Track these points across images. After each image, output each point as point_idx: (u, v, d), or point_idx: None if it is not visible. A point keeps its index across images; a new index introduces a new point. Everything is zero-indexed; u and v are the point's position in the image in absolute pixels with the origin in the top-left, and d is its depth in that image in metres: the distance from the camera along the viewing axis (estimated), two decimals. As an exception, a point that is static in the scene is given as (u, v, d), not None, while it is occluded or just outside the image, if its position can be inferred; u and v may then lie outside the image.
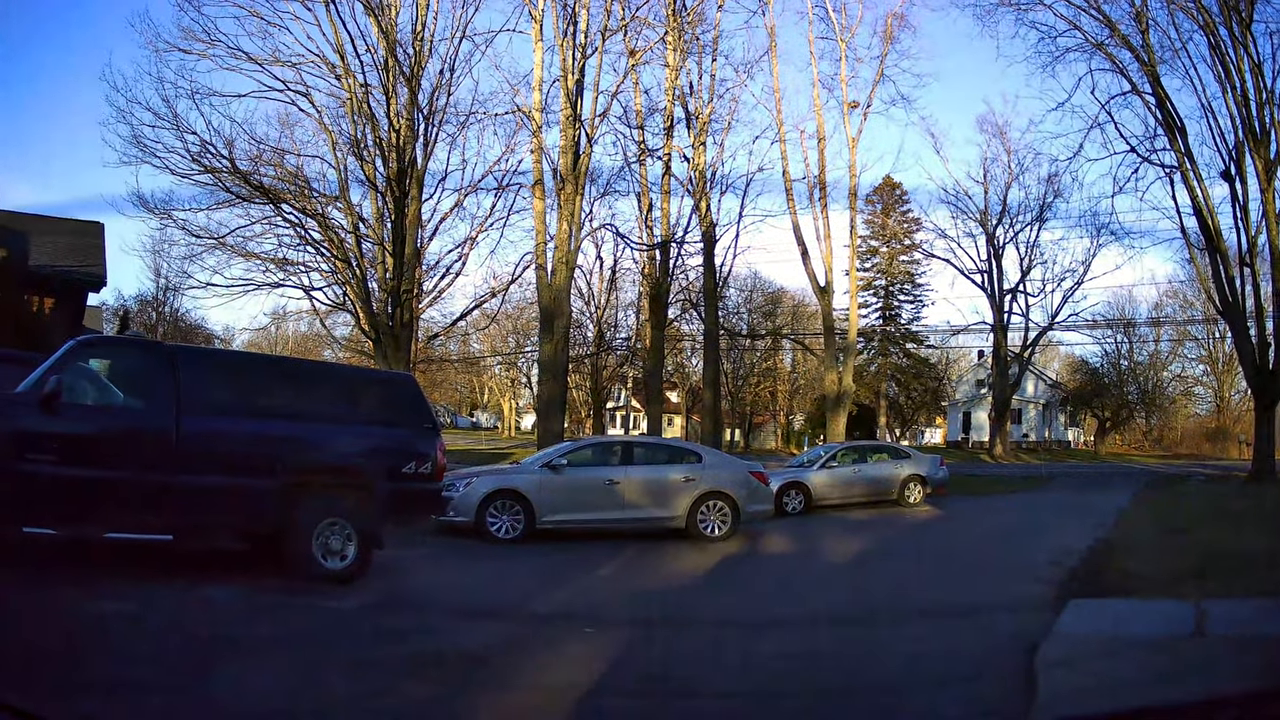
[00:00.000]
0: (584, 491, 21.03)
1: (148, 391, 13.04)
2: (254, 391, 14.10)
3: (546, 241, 37.87)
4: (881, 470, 32.61)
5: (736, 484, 22.17)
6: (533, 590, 15.40)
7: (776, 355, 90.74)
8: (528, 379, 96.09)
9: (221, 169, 32.84)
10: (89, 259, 31.36)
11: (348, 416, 14.70)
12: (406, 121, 34.39)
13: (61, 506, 12.02)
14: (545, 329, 38.83)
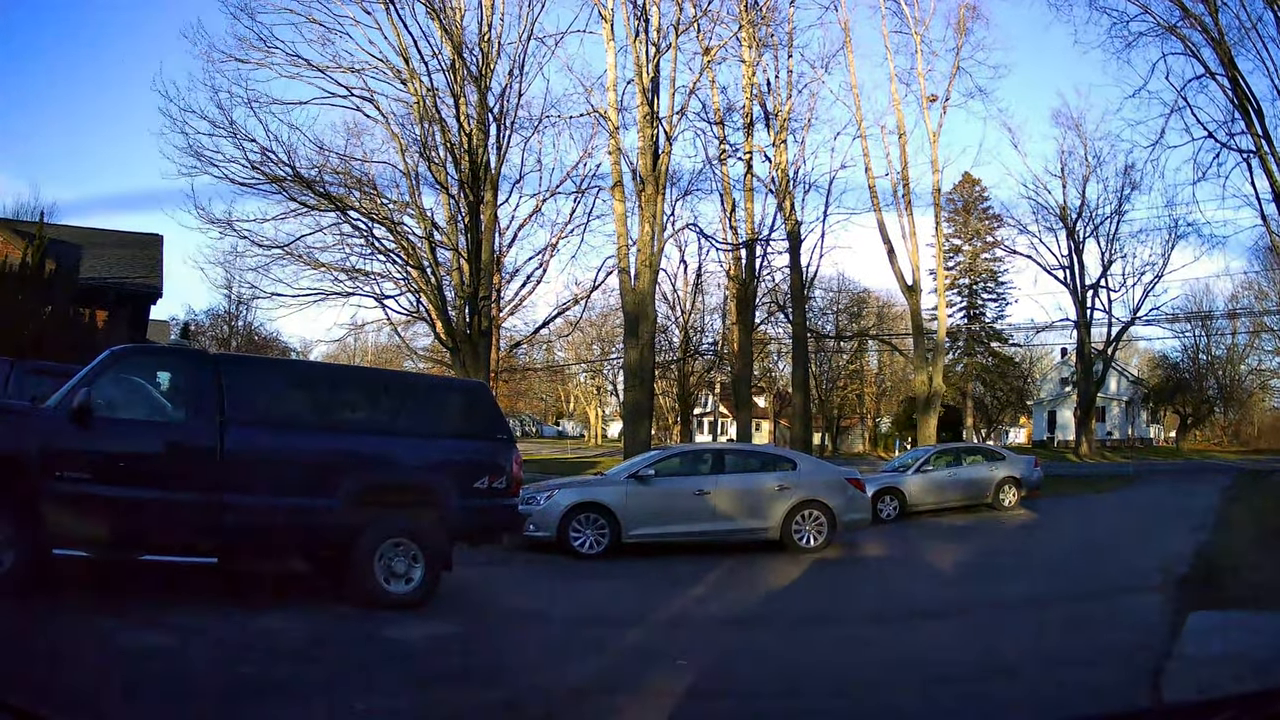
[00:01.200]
0: (672, 503, 19.85)
1: (189, 403, 12.01)
2: (308, 402, 13.07)
3: (628, 245, 36.59)
4: (976, 473, 31.21)
5: (833, 492, 20.88)
6: (622, 615, 13.93)
7: (862, 357, 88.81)
8: (613, 386, 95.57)
9: (285, 177, 31.59)
10: (146, 271, 30.91)
11: (413, 428, 13.47)
12: (477, 124, 33.06)
13: (94, 527, 10.97)
14: (630, 334, 37.22)
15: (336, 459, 12.54)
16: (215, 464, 11.64)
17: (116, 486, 11.16)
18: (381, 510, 12.67)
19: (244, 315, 76.11)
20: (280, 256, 34.62)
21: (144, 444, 11.71)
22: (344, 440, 12.86)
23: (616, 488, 19.87)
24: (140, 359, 13.24)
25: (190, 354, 13.19)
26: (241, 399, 12.06)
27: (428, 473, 13.21)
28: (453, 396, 15.21)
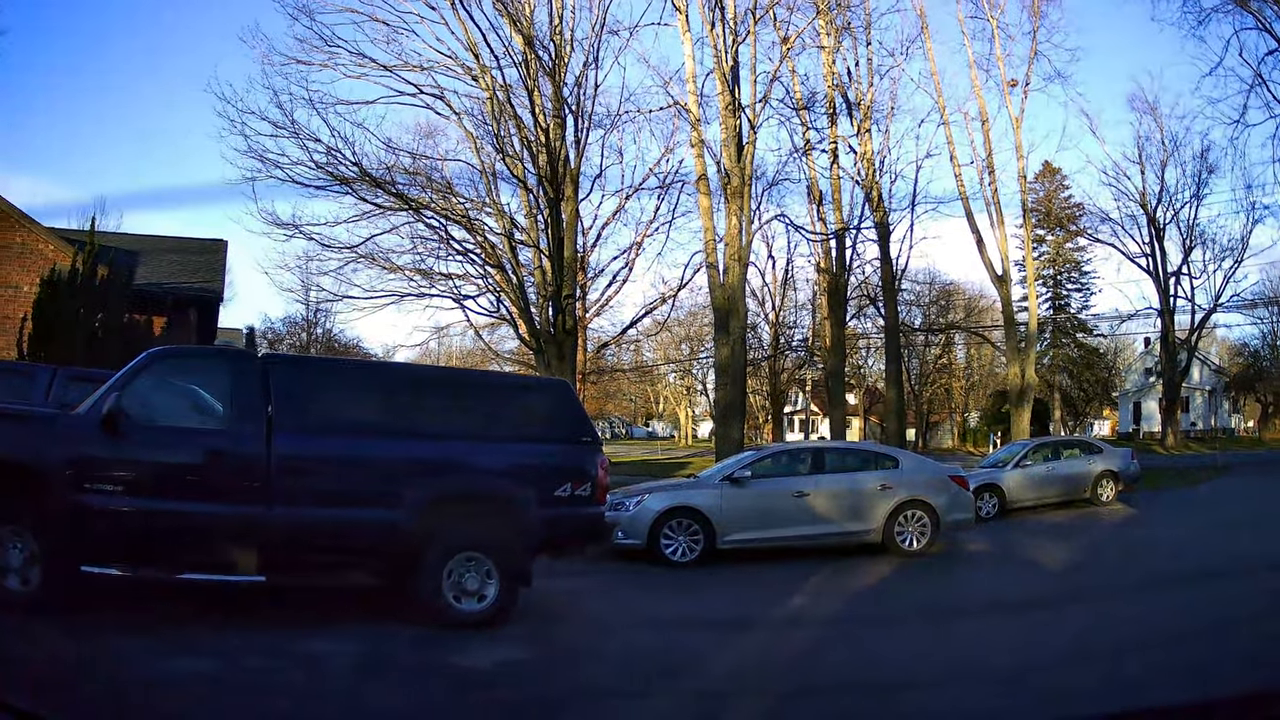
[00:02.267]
0: (769, 506, 18.51)
1: (233, 408, 11.07)
2: (367, 405, 11.95)
3: (716, 240, 35.41)
4: (1074, 467, 29.46)
5: (936, 491, 19.51)
6: (725, 636, 12.18)
7: (950, 351, 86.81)
8: (702, 386, 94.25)
9: (354, 177, 30.71)
10: (208, 276, 30.36)
11: (487, 431, 12.26)
12: (554, 118, 32.07)
13: (127, 543, 10.32)
14: (720, 330, 35.93)
15: (400, 467, 11.45)
16: (262, 474, 10.65)
17: (151, 499, 10.30)
18: (451, 522, 11.55)
19: (323, 322, 75.11)
20: (352, 259, 33.97)
21: (182, 453, 10.78)
22: (409, 446, 11.61)
23: (710, 491, 18.55)
24: (179, 361, 12.15)
25: (234, 355, 12.15)
26: (291, 403, 11.10)
27: (503, 480, 12.06)
28: (532, 396, 13.80)
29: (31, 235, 26.59)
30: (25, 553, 9.89)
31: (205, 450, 10.81)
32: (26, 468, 10.10)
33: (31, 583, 9.87)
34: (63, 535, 9.96)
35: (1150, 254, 65.76)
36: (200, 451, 10.80)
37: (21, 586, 9.88)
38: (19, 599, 9.82)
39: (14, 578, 9.88)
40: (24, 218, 26.78)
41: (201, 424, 11.15)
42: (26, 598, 9.83)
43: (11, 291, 25.81)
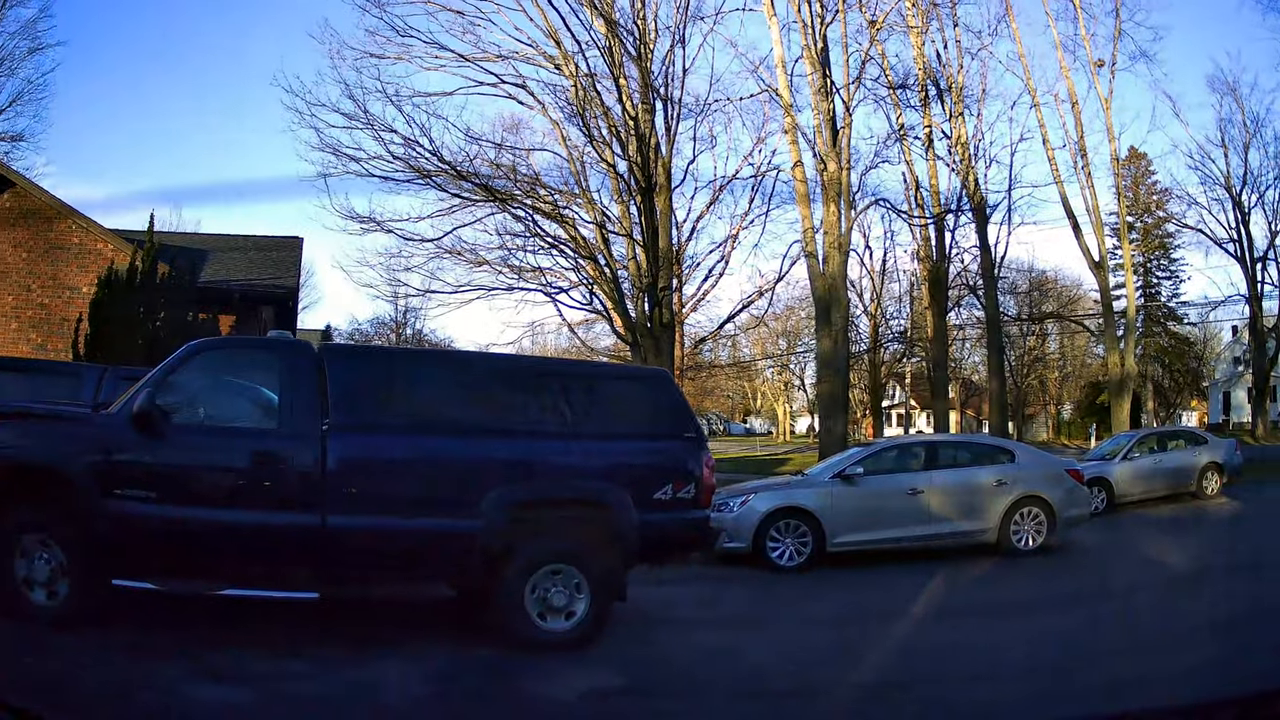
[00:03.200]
0: (882, 505, 17.09)
1: (285, 405, 9.78)
2: (438, 400, 10.50)
3: (814, 228, 34.09)
4: (1181, 460, 27.87)
5: (1052, 485, 18.03)
6: (852, 656, 10.49)
7: (1044, 342, 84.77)
8: (800, 381, 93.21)
9: (433, 170, 29.36)
10: (281, 273, 29.68)
11: (578, 428, 10.68)
12: (643, 105, 30.65)
13: (162, 554, 9.30)
14: (822, 321, 34.66)
15: (477, 469, 10.07)
16: (317, 479, 9.47)
17: (190, 506, 9.23)
18: (536, 530, 10.12)
19: (412, 322, 73.81)
20: (436, 254, 32.71)
21: (225, 455, 9.63)
22: (486, 446, 10.22)
23: (820, 490, 17.13)
24: (224, 353, 11.06)
25: (286, 345, 10.53)
26: (351, 398, 9.85)
27: (596, 482, 10.47)
28: (628, 388, 12.00)
29: (89, 236, 26.08)
30: (53, 564, 9.04)
31: (252, 452, 9.57)
32: (51, 472, 9.24)
33: (59, 596, 9.06)
34: (92, 545, 9.05)
35: (1236, 239, 63.00)
36: (246, 453, 9.57)
37: (48, 600, 9.08)
38: (46, 613, 9.02)
39: (40, 591, 9.07)
40: (81, 218, 26.27)
41: (248, 423, 9.96)
42: (54, 612, 9.03)
43: (69, 293, 25.31)
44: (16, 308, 25.39)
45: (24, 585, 9.03)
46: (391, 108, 30.24)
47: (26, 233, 25.78)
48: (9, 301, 25.35)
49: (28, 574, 9.03)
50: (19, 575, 9.02)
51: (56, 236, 25.96)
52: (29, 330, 25.28)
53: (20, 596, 9.02)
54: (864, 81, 35.71)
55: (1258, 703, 4.66)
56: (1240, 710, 4.41)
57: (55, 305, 25.43)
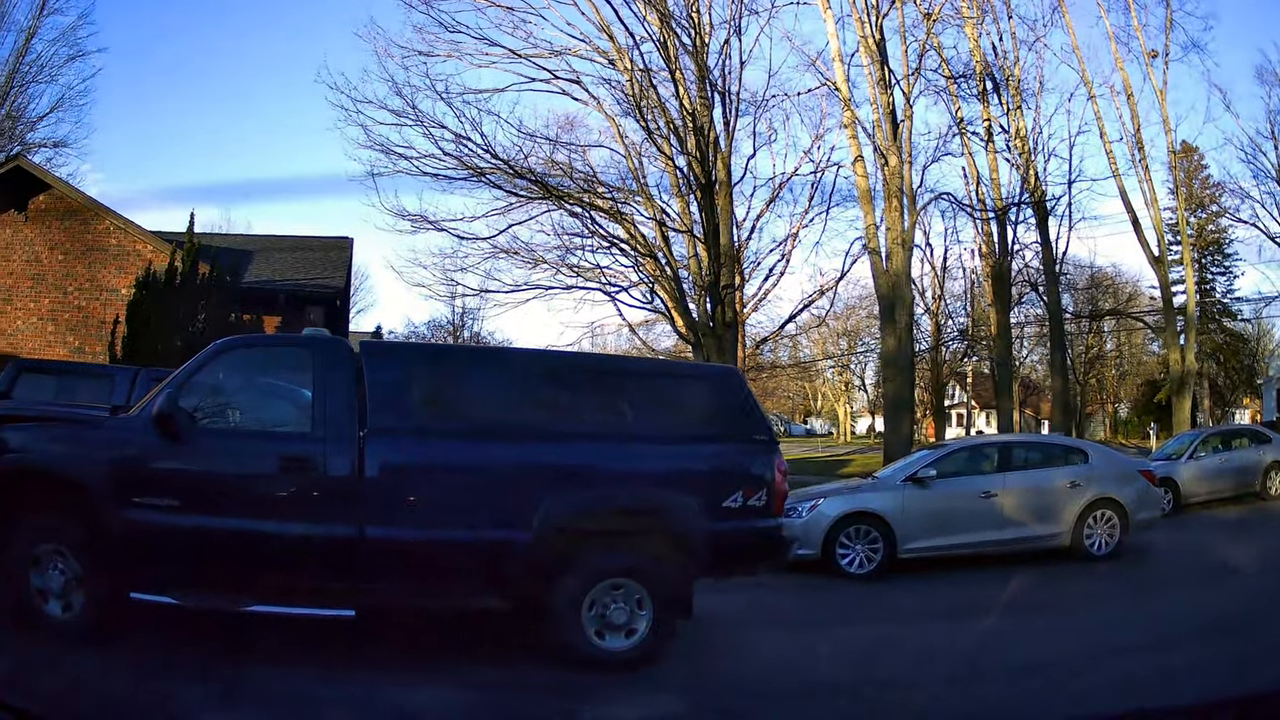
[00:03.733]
0: (955, 508, 16.28)
1: (319, 407, 9.03)
2: (489, 401, 9.69)
3: (876, 224, 33.22)
4: (1246, 459, 26.91)
5: (1125, 487, 17.20)
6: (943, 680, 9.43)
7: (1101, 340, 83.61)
8: (860, 381, 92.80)
9: (487, 166, 28.54)
10: (329, 273, 29.38)
11: (640, 430, 9.92)
12: (700, 99, 29.99)
13: (183, 567, 8.61)
14: (886, 319, 33.86)
15: (529, 476, 9.23)
16: (354, 487, 8.76)
17: (213, 516, 8.54)
18: (595, 542, 9.30)
19: (469, 324, 73.22)
20: (492, 254, 31.93)
21: (253, 461, 8.95)
22: (540, 450, 9.39)
23: (891, 493, 16.34)
24: (253, 352, 10.17)
25: (320, 343, 9.72)
26: (391, 399, 9.11)
27: (660, 489, 9.58)
28: (694, 387, 11.05)
29: (128, 237, 25.87)
30: (68, 575, 8.51)
31: (282, 458, 8.85)
32: (64, 478, 8.73)
33: (75, 609, 8.53)
34: (108, 556, 8.47)
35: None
36: (275, 459, 8.85)
37: (63, 613, 8.55)
38: (60, 626, 8.50)
39: (55, 603, 8.55)
40: (118, 218, 26.06)
41: (279, 426, 9.32)
42: (68, 625, 8.50)
43: (108, 295, 25.11)
44: (54, 310, 25.17)
45: (39, 597, 8.52)
46: (442, 104, 29.52)
47: (62, 235, 25.58)
48: (45, 304, 25.16)
49: (42, 584, 8.51)
50: (33, 586, 8.50)
51: (94, 238, 25.75)
52: (66, 333, 25.04)
53: (35, 608, 8.52)
54: (923, 73, 34.92)
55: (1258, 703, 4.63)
56: (1241, 711, 4.38)
57: (93, 308, 25.18)
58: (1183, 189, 60.10)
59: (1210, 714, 4.61)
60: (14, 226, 25.46)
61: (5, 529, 8.62)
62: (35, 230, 25.54)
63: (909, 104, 33.16)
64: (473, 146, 28.31)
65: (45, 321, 25.20)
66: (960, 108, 38.30)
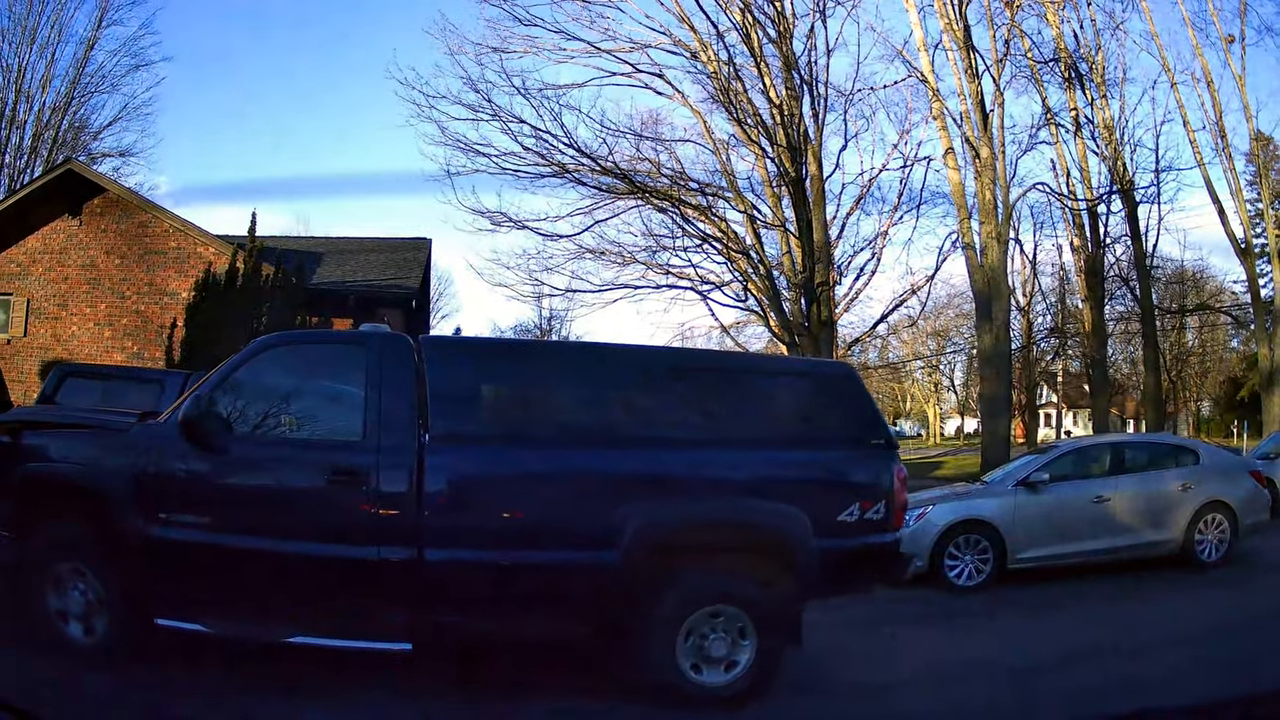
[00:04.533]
0: (1066, 515, 15.12)
1: (371, 412, 7.87)
2: (568, 403, 8.60)
3: (969, 218, 32.13)
4: None
5: (1234, 488, 16.13)
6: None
7: (1183, 337, 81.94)
8: (950, 382, 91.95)
9: (570, 164, 27.58)
10: (405, 274, 28.59)
11: (743, 434, 8.58)
12: (787, 90, 28.81)
13: (215, 591, 7.66)
14: (982, 316, 32.70)
15: (617, 488, 7.99)
16: (411, 503, 7.55)
17: (249, 535, 7.55)
18: (692, 563, 8.01)
19: (557, 328, 72.21)
20: (578, 254, 30.87)
21: (294, 473, 7.95)
22: (629, 458, 8.17)
23: (1002, 499, 15.15)
24: (297, 350, 8.95)
25: (374, 339, 8.46)
26: (456, 402, 7.99)
27: (767, 502, 8.25)
28: (805, 385, 9.58)
29: (188, 239, 25.37)
30: (89, 596, 7.70)
31: (329, 469, 7.71)
32: (84, 490, 7.87)
33: (97, 633, 7.69)
34: (132, 577, 7.57)
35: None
36: (320, 471, 7.74)
37: (85, 637, 7.74)
38: (81, 650, 7.71)
39: (76, 625, 7.75)
40: (176, 219, 25.61)
41: (325, 434, 8.14)
42: (90, 650, 7.69)
43: (168, 299, 24.57)
44: (110, 315, 24.74)
45: (58, 618, 7.73)
46: (519, 99, 28.58)
47: (119, 238, 25.18)
48: (102, 309, 24.77)
49: (62, 605, 7.72)
50: (52, 606, 7.72)
51: (152, 241, 25.28)
52: (124, 338, 24.62)
53: (54, 630, 7.72)
54: (1011, 57, 33.63)
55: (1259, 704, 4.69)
56: (1242, 712, 4.41)
57: (152, 312, 24.68)
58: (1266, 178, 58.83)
59: (1215, 713, 4.60)
60: (68, 231, 25.14)
61: (23, 543, 7.87)
62: (90, 234, 25.15)
63: (999, 90, 31.96)
64: (554, 141, 27.48)
65: (102, 327, 24.76)
66: (1046, 97, 37.09)
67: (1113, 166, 38.19)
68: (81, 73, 46.56)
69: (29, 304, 25.40)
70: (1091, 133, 38.57)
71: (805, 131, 28.89)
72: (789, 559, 8.02)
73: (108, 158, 46.29)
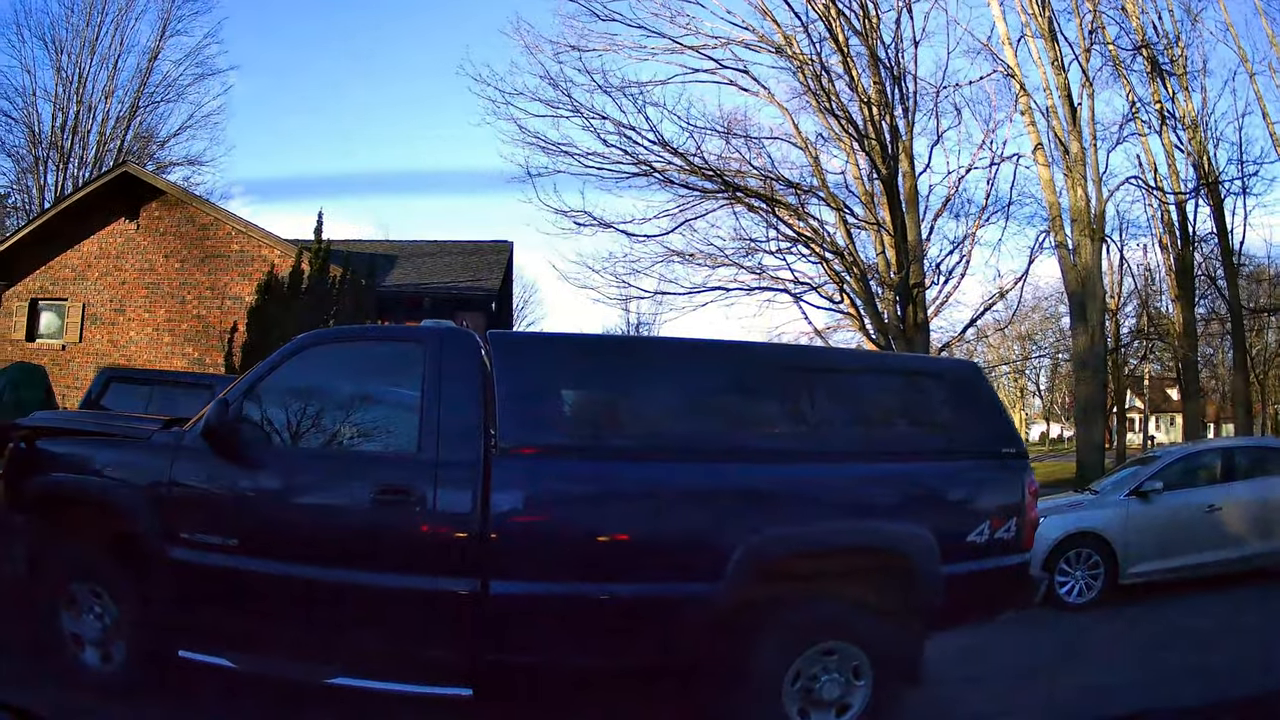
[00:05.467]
0: (1178, 525, 14.11)
1: (428, 420, 6.64)
2: (660, 408, 7.22)
3: (1060, 215, 30.82)
4: None
5: None
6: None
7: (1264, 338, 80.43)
8: (1035, 387, 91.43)
9: (658, 162, 26.37)
10: (483, 277, 27.62)
11: (864, 445, 7.32)
12: (875, 84, 27.59)
13: (244, 622, 6.59)
14: (1077, 317, 31.40)
15: (720, 507, 6.70)
16: (475, 525, 6.31)
17: (283, 561, 6.46)
18: (803, 593, 6.72)
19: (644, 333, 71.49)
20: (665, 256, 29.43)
21: (337, 490, 6.75)
22: (736, 473, 6.83)
23: (1113, 510, 14.24)
24: (343, 349, 7.65)
25: (434, 336, 7.16)
26: (528, 407, 6.68)
27: (892, 522, 6.99)
28: (929, 386, 8.07)
29: (251, 242, 24.85)
30: (106, 621, 6.87)
31: (378, 486, 6.48)
32: (100, 504, 6.96)
33: (115, 660, 6.87)
34: (152, 602, 6.64)
35: None
36: (368, 488, 6.51)
37: (102, 664, 6.93)
38: (98, 680, 6.92)
39: (93, 651, 6.93)
40: (239, 221, 25.17)
41: (374, 445, 7.04)
42: (107, 680, 6.90)
43: (231, 303, 24.04)
44: (170, 321, 24.30)
45: (73, 643, 6.93)
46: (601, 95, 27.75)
47: (178, 242, 24.75)
48: (160, 314, 24.33)
49: (77, 628, 6.92)
50: (67, 630, 6.93)
51: (214, 245, 24.78)
52: (184, 343, 24.15)
53: (69, 656, 6.96)
54: (1097, 47, 32.23)
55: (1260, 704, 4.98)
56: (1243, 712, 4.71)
57: (215, 317, 24.18)
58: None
59: (1214, 716, 4.84)
60: (125, 235, 24.76)
61: (38, 561, 7.12)
62: (148, 238, 24.72)
63: (1088, 80, 30.88)
64: (638, 137, 26.36)
65: (161, 332, 24.28)
66: (1131, 89, 35.53)
67: (1197, 161, 36.83)
68: (146, 82, 47.05)
69: (84, 309, 25.07)
70: (1174, 126, 37.35)
71: (896, 127, 27.89)
72: (913, 587, 6.86)
73: (176, 166, 46.61)
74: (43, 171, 43.86)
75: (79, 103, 44.63)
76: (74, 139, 44.24)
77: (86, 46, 45.38)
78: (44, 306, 25.87)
